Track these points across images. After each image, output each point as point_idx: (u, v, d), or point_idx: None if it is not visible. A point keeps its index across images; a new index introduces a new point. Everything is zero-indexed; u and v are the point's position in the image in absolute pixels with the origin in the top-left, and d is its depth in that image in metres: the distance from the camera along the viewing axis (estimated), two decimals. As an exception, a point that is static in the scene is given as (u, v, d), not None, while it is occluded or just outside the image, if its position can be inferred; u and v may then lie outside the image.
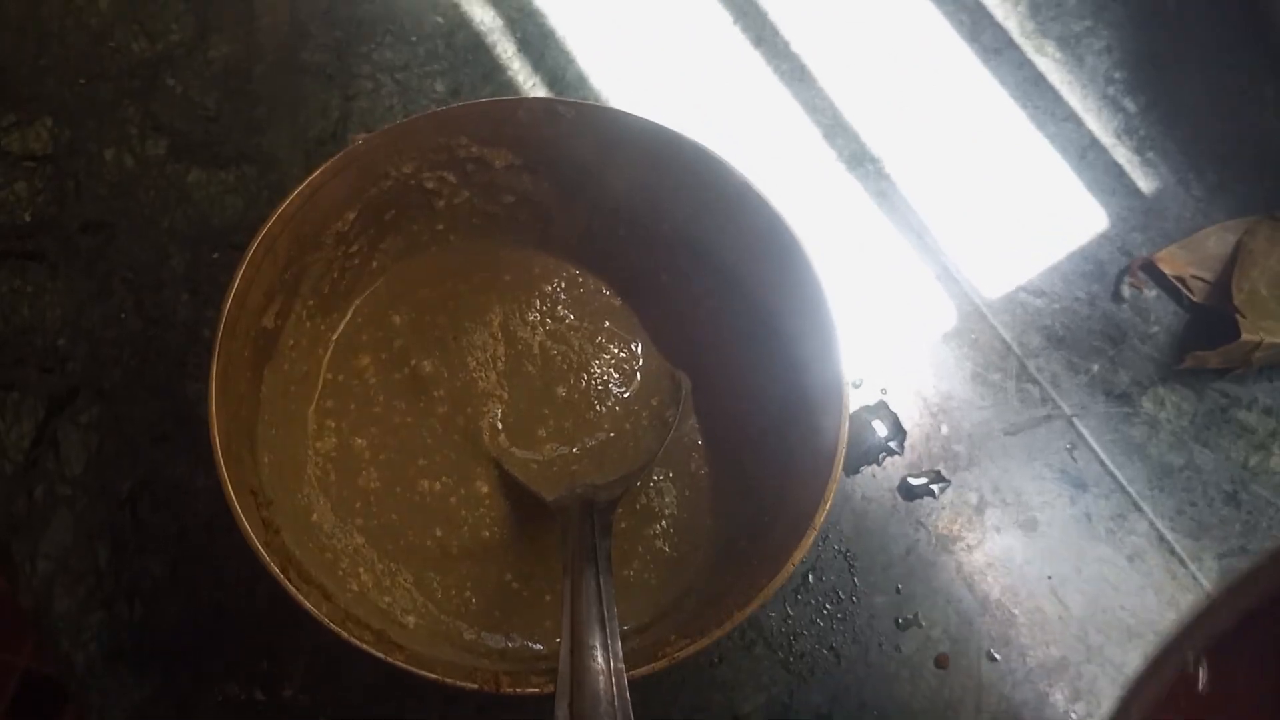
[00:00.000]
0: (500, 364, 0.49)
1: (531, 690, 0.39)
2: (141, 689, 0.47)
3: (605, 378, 0.50)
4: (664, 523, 0.48)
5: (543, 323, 0.50)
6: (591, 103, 0.47)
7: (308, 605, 0.38)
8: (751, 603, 0.40)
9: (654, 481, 0.49)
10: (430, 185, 0.48)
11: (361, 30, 0.57)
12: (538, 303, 0.51)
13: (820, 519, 0.42)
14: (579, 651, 0.38)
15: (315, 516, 0.45)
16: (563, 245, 0.51)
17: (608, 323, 0.51)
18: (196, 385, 0.42)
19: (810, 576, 0.51)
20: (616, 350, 0.51)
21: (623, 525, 0.48)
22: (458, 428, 0.48)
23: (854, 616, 0.51)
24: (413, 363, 0.49)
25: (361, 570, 0.45)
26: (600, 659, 0.37)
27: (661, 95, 0.60)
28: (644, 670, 0.39)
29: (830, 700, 0.49)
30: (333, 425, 0.47)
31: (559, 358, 0.50)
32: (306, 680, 0.47)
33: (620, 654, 0.38)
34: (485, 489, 0.47)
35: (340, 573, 0.44)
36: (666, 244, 0.50)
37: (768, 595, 0.41)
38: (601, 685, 0.36)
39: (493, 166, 0.48)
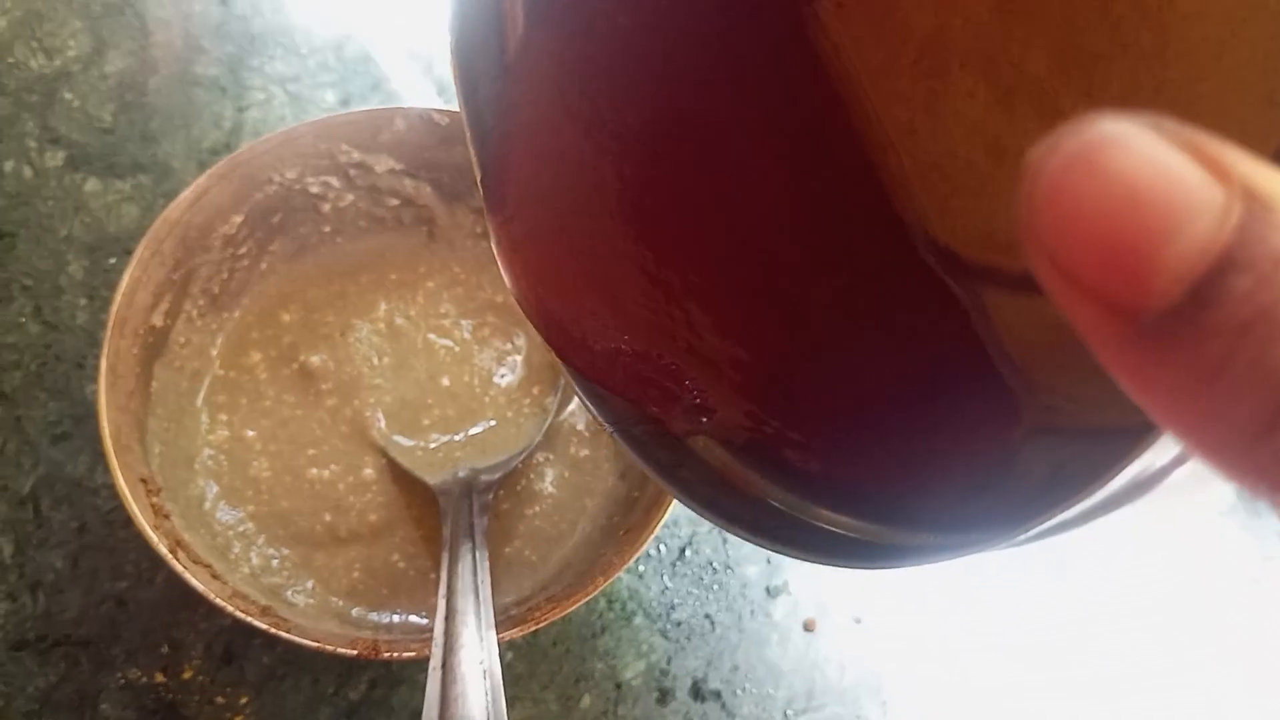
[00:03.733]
0: (386, 358, 0.52)
1: (409, 655, 0.42)
2: (45, 676, 0.49)
3: (488, 368, 0.53)
4: (544, 503, 0.51)
5: (427, 318, 0.53)
6: (469, 111, 0.50)
7: (195, 583, 0.41)
8: (614, 570, 0.44)
9: (535, 464, 0.52)
10: (315, 190, 0.51)
11: (254, 44, 0.60)
12: (422, 299, 0.54)
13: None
14: (453, 618, 0.41)
15: (207, 504, 0.48)
16: (447, 245, 0.54)
17: (491, 316, 0.54)
18: (94, 387, 0.44)
19: (687, 550, 0.54)
20: (499, 342, 0.54)
21: (505, 506, 0.51)
22: (345, 419, 0.51)
23: (728, 586, 0.54)
24: (301, 358, 0.51)
25: (253, 554, 0.48)
26: (473, 624, 0.41)
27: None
28: (514, 633, 0.42)
29: (705, 665, 0.53)
30: (224, 418, 0.50)
31: (443, 351, 0.53)
32: (205, 662, 0.50)
33: (492, 620, 0.41)
34: (372, 475, 0.50)
35: (232, 556, 0.47)
36: (545, 242, 0.54)
37: (628, 562, 0.44)
38: (473, 648, 0.40)
39: (375, 171, 0.51)
